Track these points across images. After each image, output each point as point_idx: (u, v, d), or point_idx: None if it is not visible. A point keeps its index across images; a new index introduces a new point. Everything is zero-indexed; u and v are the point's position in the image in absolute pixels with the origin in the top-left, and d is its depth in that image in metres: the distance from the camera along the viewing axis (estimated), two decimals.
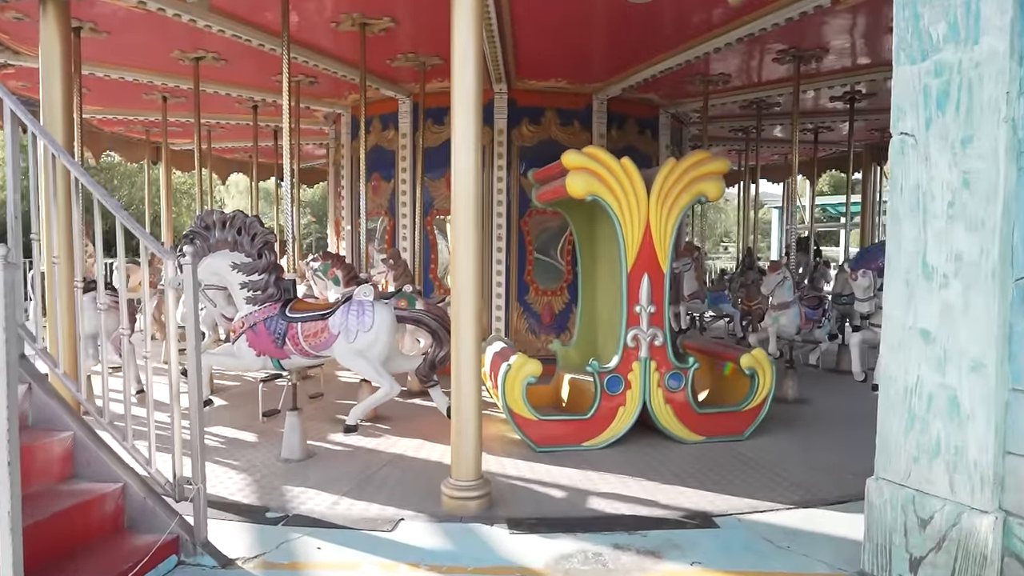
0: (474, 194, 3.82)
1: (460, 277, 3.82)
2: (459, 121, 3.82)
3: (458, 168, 3.83)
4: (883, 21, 5.97)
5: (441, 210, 8.13)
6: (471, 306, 3.81)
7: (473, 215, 3.85)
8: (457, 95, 3.79)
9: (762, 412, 5.40)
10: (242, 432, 5.27)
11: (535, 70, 7.42)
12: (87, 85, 8.08)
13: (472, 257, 3.84)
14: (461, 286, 3.80)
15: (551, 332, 8.21)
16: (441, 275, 8.33)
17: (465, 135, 3.81)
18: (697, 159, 5.13)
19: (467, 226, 3.83)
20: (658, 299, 5.19)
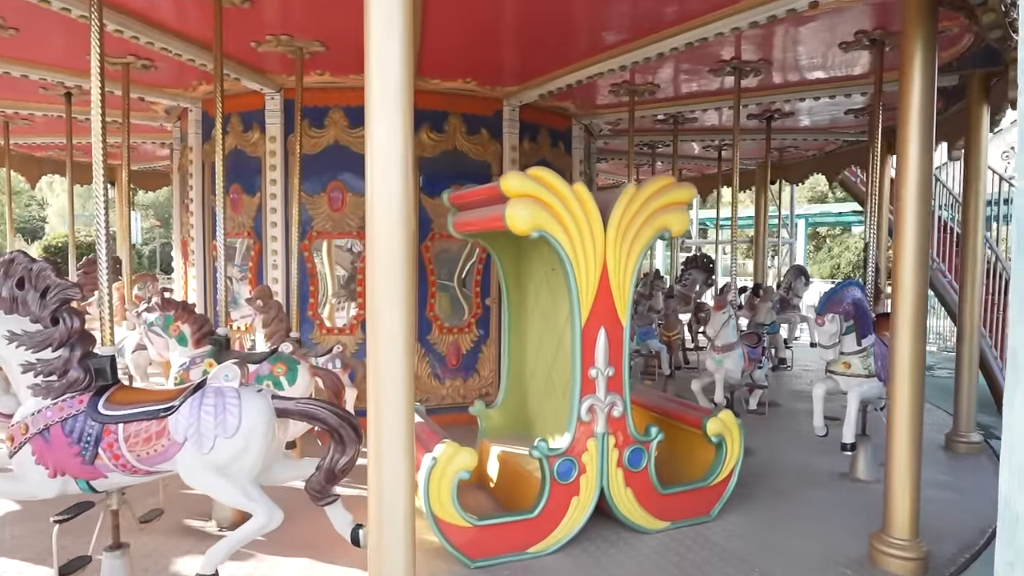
0: (404, 226, 2.55)
1: (384, 330, 2.54)
2: (380, 128, 2.52)
3: (379, 190, 2.54)
4: (836, 35, 5.41)
5: (322, 231, 6.63)
6: (402, 365, 2.54)
7: (405, 255, 2.57)
8: (377, 89, 2.50)
9: (730, 486, 4.56)
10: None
11: (441, 67, 6.18)
12: None
13: (402, 310, 2.57)
14: (384, 340, 2.52)
15: (457, 376, 7.00)
16: (323, 310, 6.82)
17: (389, 146, 2.53)
18: (660, 185, 4.17)
19: (397, 270, 2.55)
20: (617, 359, 4.16)
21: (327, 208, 6.62)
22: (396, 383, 2.54)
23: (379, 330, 2.55)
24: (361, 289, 6.68)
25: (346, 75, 6.30)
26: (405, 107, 2.55)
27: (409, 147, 2.58)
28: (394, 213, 2.55)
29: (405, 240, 2.58)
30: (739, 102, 6.20)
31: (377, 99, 2.52)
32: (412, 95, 2.57)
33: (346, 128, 6.59)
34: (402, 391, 2.57)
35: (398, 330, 2.56)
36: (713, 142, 10.11)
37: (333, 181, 6.61)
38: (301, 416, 3.14)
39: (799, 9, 4.67)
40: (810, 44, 5.57)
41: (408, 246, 2.60)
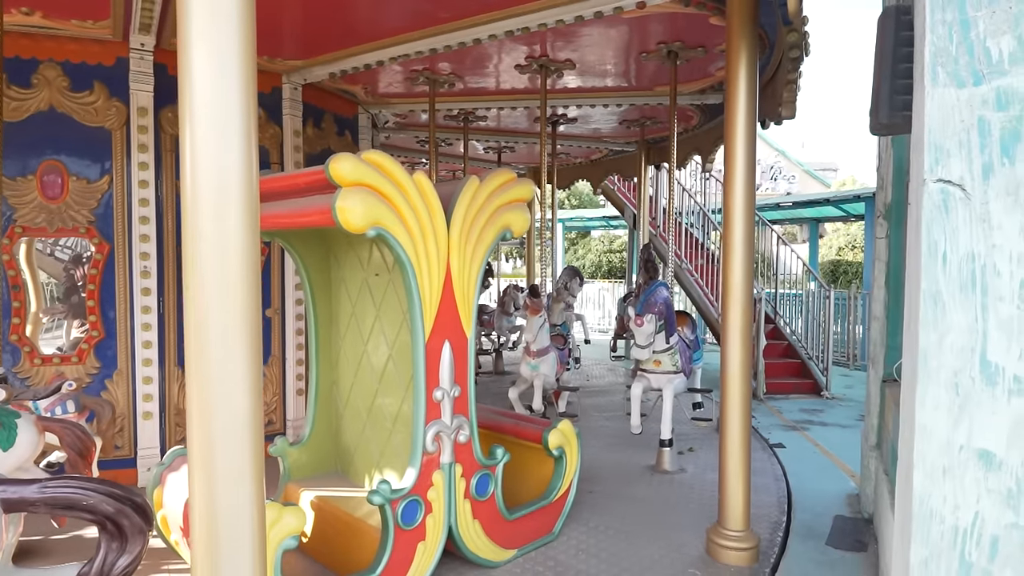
0: (248, 212, 1.76)
1: (219, 355, 1.73)
2: (202, 61, 1.69)
3: (204, 161, 1.71)
4: (638, 44, 5.57)
5: (29, 227, 4.93)
6: (248, 398, 1.77)
7: (251, 252, 1.78)
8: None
9: (569, 499, 4.35)
10: None
11: None
12: None
13: (249, 326, 1.77)
14: (220, 365, 1.71)
15: None
16: (46, 331, 5.08)
17: (220, 91, 1.71)
18: (502, 180, 3.76)
19: (240, 276, 1.74)
20: (463, 376, 3.64)
21: (40, 196, 4.93)
22: (241, 423, 1.74)
23: (210, 356, 1.71)
24: (94, 303, 5.11)
25: (67, 20, 4.73)
26: (244, 27, 1.73)
27: (252, 91, 1.77)
28: (233, 194, 1.72)
29: (251, 232, 1.76)
30: (545, 101, 6.10)
31: (201, 12, 1.67)
32: (253, 13, 1.76)
33: (66, 90, 4.98)
34: (249, 433, 1.77)
35: (242, 353, 1.74)
36: (493, 143, 10.08)
37: (49, 160, 4.94)
38: (54, 506, 2.03)
39: (606, 12, 4.67)
40: (615, 49, 5.67)
41: (256, 241, 1.78)
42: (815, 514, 4.77)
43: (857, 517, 4.73)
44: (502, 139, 9.50)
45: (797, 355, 9.76)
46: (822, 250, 20.96)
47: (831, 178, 41.50)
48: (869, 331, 5.12)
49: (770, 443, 6.48)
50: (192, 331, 1.72)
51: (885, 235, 4.63)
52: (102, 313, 5.12)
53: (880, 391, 4.61)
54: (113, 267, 5.12)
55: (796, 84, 5.14)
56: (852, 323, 11.93)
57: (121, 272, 5.13)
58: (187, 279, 1.73)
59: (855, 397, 8.95)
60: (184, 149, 1.72)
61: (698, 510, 4.68)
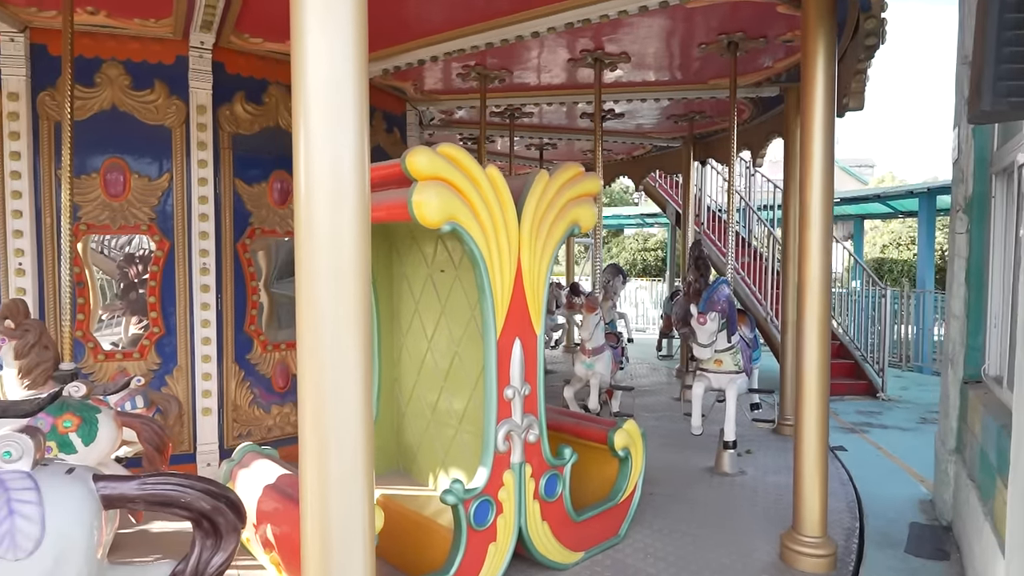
0: (360, 212, 1.70)
1: (332, 355, 1.67)
2: (320, 60, 1.64)
3: (319, 157, 1.66)
4: (696, 35, 5.43)
5: (94, 224, 4.99)
6: (360, 404, 1.73)
7: (362, 251, 1.72)
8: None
9: (634, 501, 4.25)
10: None
11: (264, 23, 4.98)
12: None
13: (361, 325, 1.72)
14: (334, 365, 1.68)
15: (286, 401, 5.79)
16: (97, 328, 5.15)
17: (335, 88, 1.66)
18: (571, 174, 3.67)
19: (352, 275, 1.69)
20: (532, 375, 3.56)
21: (102, 194, 4.99)
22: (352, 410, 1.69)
23: (323, 348, 1.66)
24: (155, 299, 5.16)
25: (130, 18, 4.78)
26: (357, 18, 1.68)
27: (364, 83, 1.71)
28: (346, 184, 1.67)
29: (363, 222, 1.71)
30: (599, 96, 5.99)
31: (315, 8, 1.62)
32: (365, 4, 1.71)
33: (127, 89, 5.03)
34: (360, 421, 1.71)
35: (354, 345, 1.69)
36: (535, 141, 9.99)
37: (112, 158, 5.00)
38: (152, 503, 2.01)
39: (671, 2, 4.55)
40: (673, 41, 5.54)
41: (367, 230, 1.73)
42: (888, 520, 4.59)
43: (934, 524, 4.53)
44: (545, 136, 9.41)
45: (850, 355, 9.48)
46: (864, 248, 20.44)
47: (868, 175, 40.48)
48: (947, 330, 4.91)
49: (830, 446, 6.27)
50: (305, 322, 1.68)
51: (966, 230, 4.42)
52: (163, 309, 5.16)
53: (960, 392, 4.40)
54: (173, 264, 5.16)
55: (865, 74, 4.96)
56: (904, 322, 11.57)
57: (181, 269, 5.17)
58: (300, 269, 1.68)
59: (913, 399, 8.66)
60: (297, 140, 1.67)
61: (764, 514, 4.54)
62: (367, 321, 1.73)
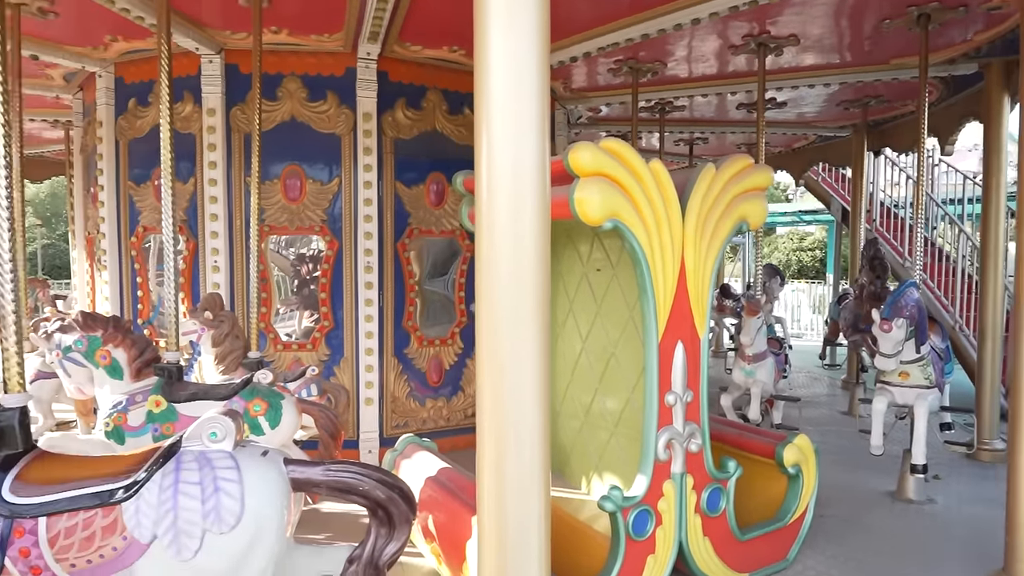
0: (542, 213, 1.65)
1: (511, 354, 1.67)
2: (501, 60, 1.61)
3: (501, 161, 1.63)
4: (880, 10, 4.87)
5: (275, 226, 5.44)
6: (537, 402, 1.69)
7: (542, 253, 1.67)
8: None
9: (806, 523, 3.88)
10: None
11: (425, 30, 5.17)
12: None
13: (540, 325, 1.68)
14: (513, 363, 1.65)
15: (440, 395, 6.00)
16: (276, 320, 5.65)
17: (519, 89, 1.62)
18: (740, 167, 3.42)
19: (533, 276, 1.65)
20: (695, 380, 3.36)
21: (282, 198, 5.45)
22: (530, 410, 1.65)
23: (503, 355, 1.63)
24: (326, 295, 5.55)
25: (307, 35, 5.17)
26: (540, 20, 1.64)
27: (546, 85, 1.66)
28: (527, 184, 1.63)
29: (543, 223, 1.66)
30: (763, 83, 5.58)
31: (500, 10, 1.60)
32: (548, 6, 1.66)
33: (304, 101, 5.45)
34: (537, 420, 1.67)
35: (531, 353, 1.65)
36: (684, 135, 9.59)
37: (289, 165, 5.45)
38: (334, 489, 2.11)
39: None
40: (851, 18, 5.02)
41: (547, 230, 1.68)
42: None
43: None
44: (697, 130, 8.99)
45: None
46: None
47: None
48: None
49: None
50: (485, 324, 1.66)
51: None
52: (332, 304, 5.54)
53: None
54: (341, 262, 5.52)
55: None
56: None
57: (348, 267, 5.52)
58: (481, 271, 1.66)
59: None
60: (480, 143, 1.66)
61: (961, 549, 3.97)
62: (546, 325, 1.68)
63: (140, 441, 3.11)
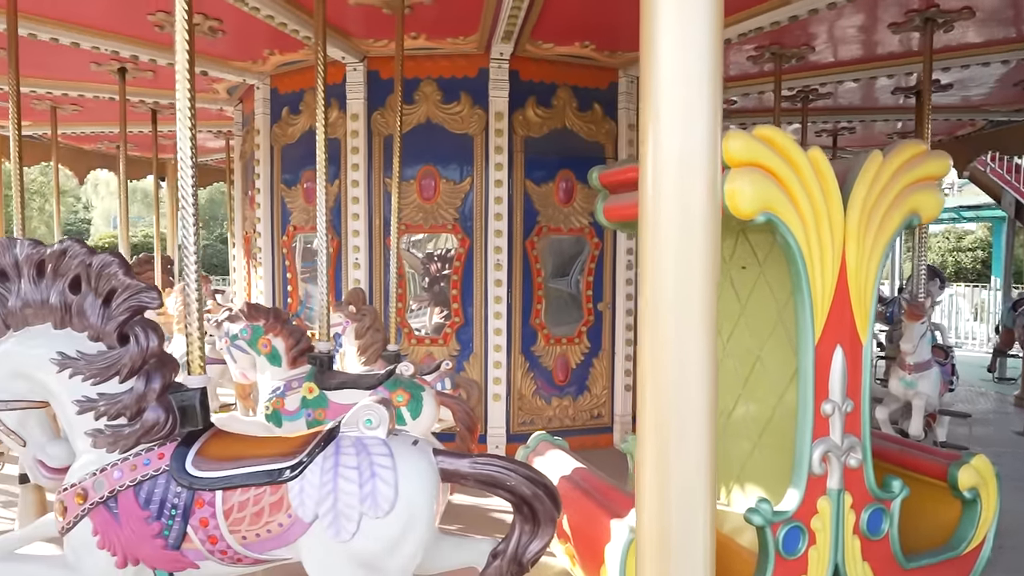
0: (712, 210, 1.54)
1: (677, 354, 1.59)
2: (672, 47, 1.51)
3: (668, 153, 1.53)
4: None
5: (410, 224, 5.65)
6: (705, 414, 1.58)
7: (713, 252, 1.57)
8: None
9: (983, 554, 3.44)
10: None
11: (557, 28, 5.15)
12: None
13: (708, 328, 1.58)
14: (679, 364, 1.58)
15: (566, 394, 5.96)
16: (409, 316, 5.87)
17: (691, 80, 1.51)
18: (911, 154, 3.07)
19: (702, 276, 1.55)
20: (856, 388, 3.07)
21: (417, 197, 5.65)
22: (695, 417, 1.55)
23: (667, 355, 1.54)
24: (456, 292, 5.69)
25: (443, 39, 5.32)
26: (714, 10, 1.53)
27: (719, 72, 1.56)
28: (696, 180, 1.53)
29: (713, 221, 1.56)
30: (930, 63, 5.03)
31: None
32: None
33: (439, 103, 5.62)
34: (704, 429, 1.56)
35: (699, 352, 1.55)
36: (828, 126, 8.89)
37: (424, 166, 5.64)
38: (480, 482, 2.12)
39: None
40: None
41: (717, 228, 1.58)
42: None
43: None
44: (843, 119, 8.31)
45: None
46: None
47: None
48: None
49: None
50: (647, 317, 1.58)
51: None
52: (462, 301, 5.67)
53: None
54: (472, 260, 5.64)
55: None
56: None
57: (478, 265, 5.63)
58: (645, 269, 1.59)
59: None
60: (645, 130, 1.57)
61: None
62: (713, 329, 1.57)
63: (295, 424, 3.33)
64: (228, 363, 3.63)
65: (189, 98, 2.49)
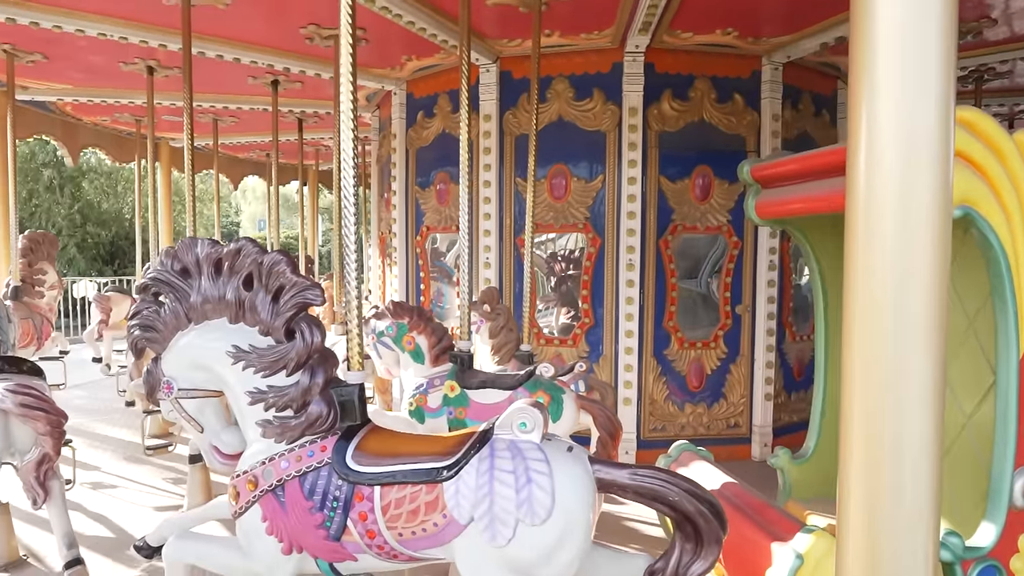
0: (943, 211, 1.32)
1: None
2: None
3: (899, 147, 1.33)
4: None
5: (540, 224, 5.59)
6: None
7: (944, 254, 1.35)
8: None
9: None
10: None
11: (699, 16, 4.90)
12: (42, 50, 5.69)
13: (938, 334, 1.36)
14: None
15: (700, 401, 5.67)
16: (537, 315, 5.83)
17: (924, 74, 1.30)
18: None
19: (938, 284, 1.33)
20: None
21: (548, 196, 5.60)
22: (918, 433, 1.35)
23: (884, 366, 1.35)
24: (587, 292, 5.58)
25: (577, 34, 5.23)
26: None
27: (952, 41, 1.34)
28: (920, 183, 1.33)
29: (942, 223, 1.35)
30: None
31: None
32: None
33: (571, 100, 5.53)
34: (928, 447, 1.36)
35: (923, 364, 1.35)
36: (1002, 109, 7.87)
37: (555, 164, 5.58)
38: (639, 494, 2.01)
39: None
40: None
41: (946, 236, 1.37)
42: None
43: None
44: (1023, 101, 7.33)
45: None
46: None
47: None
48: None
49: None
50: (856, 324, 1.40)
51: None
52: (592, 302, 5.55)
53: None
54: (603, 260, 5.51)
55: None
56: None
57: (609, 265, 5.49)
58: (854, 266, 1.40)
59: None
60: (856, 112, 1.39)
61: None
62: (942, 349, 1.36)
63: (437, 421, 3.38)
64: (374, 359, 3.76)
65: (352, 107, 2.55)
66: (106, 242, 19.02)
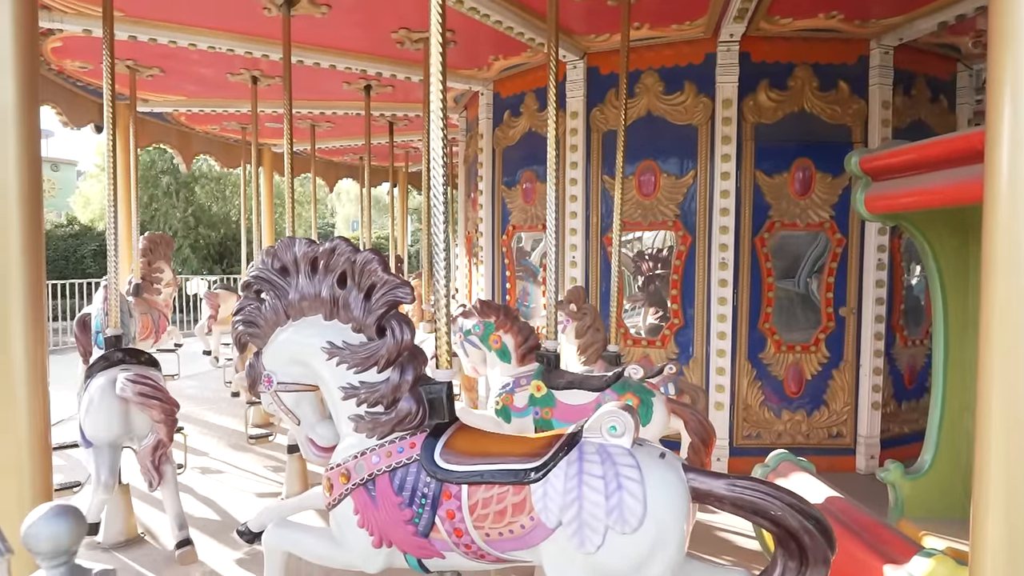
0: None
1: None
2: None
3: None
4: None
5: (628, 222, 5.46)
6: None
7: None
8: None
9: None
10: None
11: (798, 0, 4.62)
12: (159, 64, 6.14)
13: None
14: None
15: (799, 408, 5.36)
16: (624, 315, 5.71)
17: None
18: None
19: None
20: None
21: (636, 193, 5.47)
22: None
23: None
24: (676, 292, 5.41)
25: (668, 26, 5.07)
26: None
27: None
28: None
29: None
30: None
31: None
32: None
33: (660, 94, 5.37)
34: None
35: None
36: None
37: (644, 161, 5.43)
38: (738, 507, 1.90)
39: None
40: None
41: None
42: None
43: None
44: None
45: None
46: None
47: None
48: None
49: None
50: (999, 324, 1.25)
51: None
52: (682, 302, 5.37)
53: None
54: (694, 258, 5.31)
55: None
56: None
57: (701, 263, 5.29)
58: (991, 270, 1.25)
59: None
60: (998, 93, 1.24)
61: None
62: None
63: (523, 421, 3.36)
64: (460, 357, 3.79)
65: (441, 108, 2.56)
66: (215, 242, 20.45)
